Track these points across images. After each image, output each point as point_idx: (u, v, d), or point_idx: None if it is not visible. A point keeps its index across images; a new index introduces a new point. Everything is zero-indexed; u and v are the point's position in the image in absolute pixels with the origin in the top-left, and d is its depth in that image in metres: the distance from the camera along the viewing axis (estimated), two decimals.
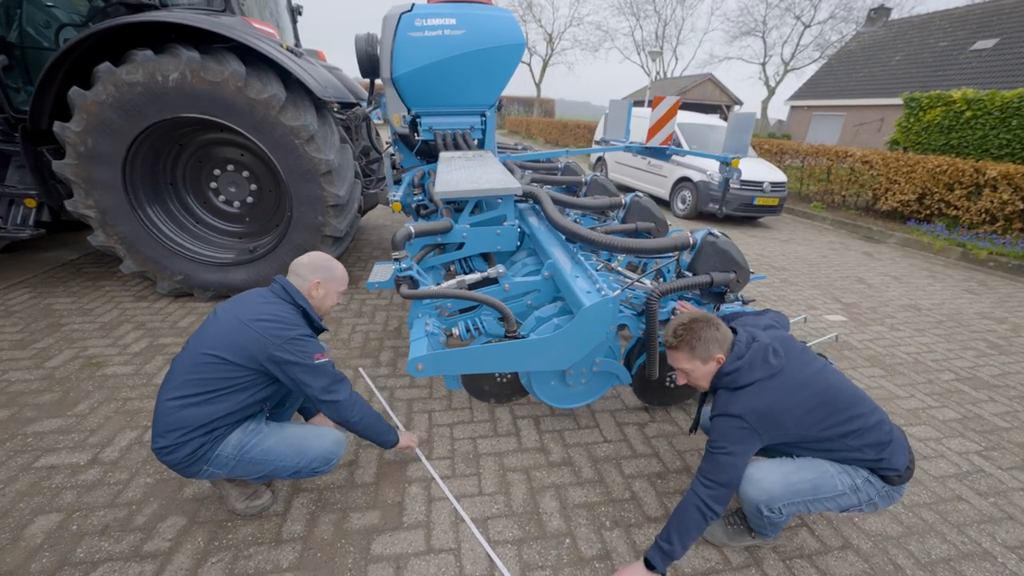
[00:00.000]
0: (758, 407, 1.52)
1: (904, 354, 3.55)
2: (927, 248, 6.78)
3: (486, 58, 3.57)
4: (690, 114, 8.70)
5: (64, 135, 3.00)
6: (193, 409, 1.51)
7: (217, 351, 1.53)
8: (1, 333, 3.00)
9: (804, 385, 1.55)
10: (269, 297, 1.68)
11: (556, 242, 2.55)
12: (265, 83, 3.06)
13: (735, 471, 1.52)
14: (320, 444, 1.73)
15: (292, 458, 1.66)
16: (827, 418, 1.53)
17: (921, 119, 9.23)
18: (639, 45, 37.87)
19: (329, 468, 1.76)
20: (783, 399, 1.53)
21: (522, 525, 1.85)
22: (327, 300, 1.78)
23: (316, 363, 1.61)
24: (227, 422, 1.57)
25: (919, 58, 18.14)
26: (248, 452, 1.59)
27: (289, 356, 1.56)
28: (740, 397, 1.54)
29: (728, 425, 1.53)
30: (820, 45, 30.84)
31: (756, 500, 1.59)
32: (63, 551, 1.62)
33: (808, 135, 21.00)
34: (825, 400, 1.54)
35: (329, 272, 1.78)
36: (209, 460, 1.55)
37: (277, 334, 1.56)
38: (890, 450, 1.55)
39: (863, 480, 1.57)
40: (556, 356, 1.98)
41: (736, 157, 3.66)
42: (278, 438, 1.67)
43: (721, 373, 1.60)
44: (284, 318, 1.62)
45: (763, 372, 1.55)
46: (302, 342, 1.60)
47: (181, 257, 3.48)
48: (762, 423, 1.52)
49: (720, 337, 1.60)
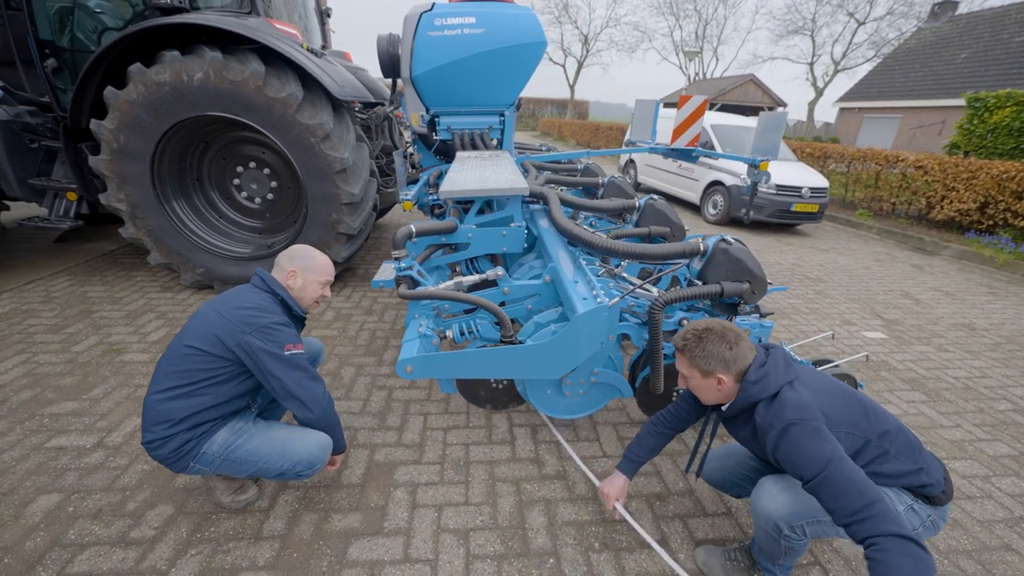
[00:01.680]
0: (805, 404, 1.33)
1: (952, 378, 3.22)
2: (988, 262, 6.18)
3: (505, 57, 3.52)
4: (725, 115, 8.34)
5: (100, 132, 3.18)
6: (175, 402, 1.52)
7: (194, 342, 1.53)
8: (39, 317, 3.20)
9: (825, 387, 1.43)
10: (248, 288, 1.68)
11: (561, 245, 2.46)
12: (284, 82, 3.13)
13: (857, 474, 1.19)
14: (305, 448, 1.68)
15: (276, 460, 1.63)
16: (856, 420, 1.38)
17: (987, 120, 8.46)
18: (678, 46, 36.85)
19: (313, 472, 1.71)
20: (813, 398, 1.37)
21: (505, 540, 1.77)
22: (307, 290, 1.75)
23: (286, 354, 1.56)
24: (211, 416, 1.58)
25: (989, 55, 16.68)
26: (233, 452, 1.59)
27: (258, 342, 1.52)
28: (784, 402, 1.34)
29: (797, 434, 1.26)
30: (875, 43, 28.97)
31: (775, 515, 1.39)
32: (56, 532, 1.67)
33: (859, 138, 19.75)
34: (847, 402, 1.41)
35: (307, 261, 1.75)
36: (195, 457, 1.56)
37: (248, 320, 1.54)
38: (924, 457, 1.39)
39: (906, 508, 1.38)
40: (548, 364, 1.89)
41: (765, 159, 3.44)
42: (264, 439, 1.65)
43: (748, 381, 1.42)
44: (259, 305, 1.60)
45: (789, 375, 1.41)
46: (274, 330, 1.57)
47: (203, 250, 3.61)
48: (817, 411, 1.33)
49: (729, 356, 1.40)
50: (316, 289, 1.77)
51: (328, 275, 1.81)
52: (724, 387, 1.44)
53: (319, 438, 1.73)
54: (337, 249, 3.60)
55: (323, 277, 1.79)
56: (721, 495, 2.05)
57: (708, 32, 36.29)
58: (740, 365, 1.41)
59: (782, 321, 3.96)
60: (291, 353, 1.58)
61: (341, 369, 2.83)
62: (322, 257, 1.80)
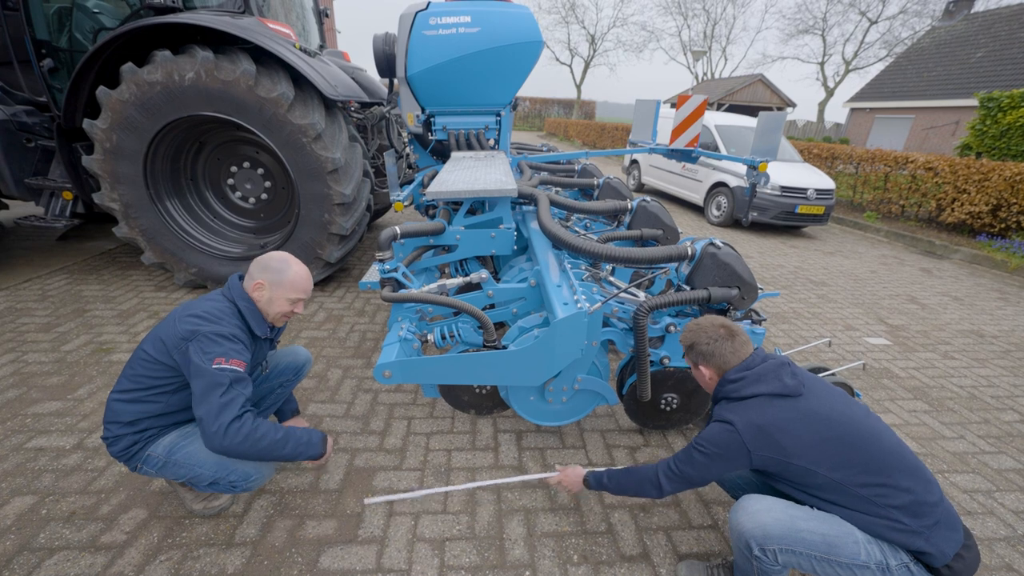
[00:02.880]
0: (756, 420, 1.34)
1: (956, 387, 3.11)
2: (1000, 266, 6.02)
3: (501, 56, 3.48)
4: (730, 115, 8.22)
5: (93, 132, 3.18)
6: (125, 405, 1.50)
7: (148, 347, 1.50)
8: (32, 316, 3.21)
9: (823, 417, 1.33)
10: (214, 294, 1.61)
11: (549, 248, 2.41)
12: (275, 82, 3.11)
13: (705, 472, 1.43)
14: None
15: (211, 467, 1.54)
16: (845, 459, 1.29)
17: (1000, 121, 8.25)
18: (686, 45, 36.52)
19: (250, 486, 1.61)
20: (789, 420, 1.33)
21: (481, 551, 1.73)
22: (273, 305, 1.60)
23: (212, 367, 1.38)
24: (161, 423, 1.54)
25: (1006, 54, 16.31)
26: (175, 454, 1.54)
27: (192, 350, 1.40)
28: (738, 408, 1.39)
29: (717, 429, 1.40)
30: (888, 42, 28.45)
31: (748, 534, 1.33)
32: (27, 535, 1.66)
33: (869, 139, 19.43)
34: (847, 440, 1.30)
35: (277, 275, 1.58)
36: (141, 459, 1.54)
37: (190, 328, 1.43)
38: (933, 525, 1.26)
39: (900, 564, 1.26)
40: (528, 370, 1.84)
41: (764, 160, 3.35)
42: (201, 444, 1.56)
43: (725, 380, 1.46)
44: (210, 314, 1.49)
45: (771, 387, 1.38)
46: (211, 340, 1.42)
47: (196, 250, 3.61)
48: (756, 439, 1.33)
49: (706, 351, 1.48)
50: (283, 305, 1.61)
51: (299, 292, 1.62)
52: (706, 379, 1.53)
53: None
54: (330, 250, 3.58)
55: (292, 294, 1.61)
56: (708, 507, 1.99)
57: (717, 31, 35.92)
58: (721, 360, 1.46)
59: (782, 326, 3.87)
60: (218, 367, 1.39)
61: (328, 371, 2.81)
62: (296, 272, 1.61)
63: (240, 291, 1.60)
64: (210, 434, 1.37)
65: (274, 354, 1.99)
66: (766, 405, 1.36)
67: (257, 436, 1.41)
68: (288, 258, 1.65)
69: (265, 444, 1.43)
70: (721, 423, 1.40)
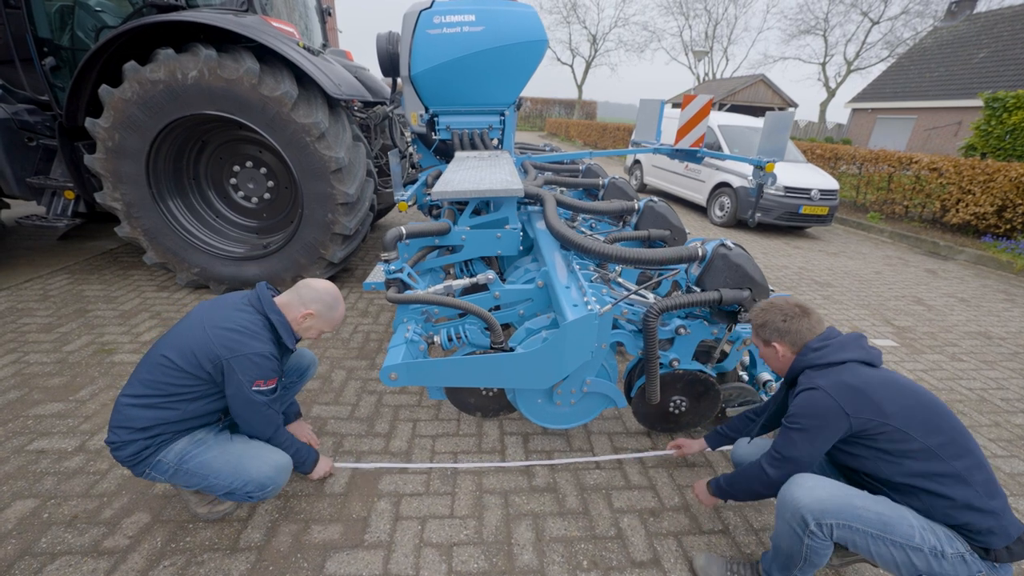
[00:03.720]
0: (849, 381, 1.34)
1: (966, 389, 3.08)
2: (1005, 267, 5.99)
3: (505, 55, 3.45)
4: (733, 116, 8.19)
5: (95, 130, 3.16)
6: (140, 411, 1.47)
7: (170, 354, 1.48)
8: (34, 316, 3.19)
9: (907, 387, 1.36)
10: (241, 304, 1.60)
11: (556, 248, 2.38)
12: (278, 81, 3.09)
13: (807, 449, 1.36)
14: (259, 468, 1.58)
15: (226, 477, 1.54)
16: (935, 427, 1.29)
17: (1005, 121, 8.21)
18: (687, 45, 36.49)
19: (265, 496, 1.61)
20: (881, 385, 1.34)
21: (490, 556, 1.70)
22: (310, 331, 1.70)
23: (252, 390, 1.52)
24: (173, 429, 1.53)
25: (1008, 54, 16.27)
26: (187, 462, 1.52)
27: (235, 368, 1.49)
28: (828, 373, 1.38)
29: (808, 399, 1.36)
30: (889, 43, 28.43)
31: (805, 508, 1.32)
32: (29, 540, 1.63)
33: (871, 140, 19.39)
34: (933, 408, 1.33)
35: (329, 311, 1.68)
36: (151, 464, 1.51)
37: (229, 344, 1.48)
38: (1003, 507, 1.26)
39: (955, 553, 1.25)
40: (537, 373, 1.82)
41: (771, 161, 3.33)
42: (219, 452, 1.57)
43: (808, 349, 1.46)
44: (246, 329, 1.53)
45: (857, 354, 1.40)
46: (253, 362, 1.50)
47: (198, 250, 3.58)
48: (852, 401, 1.31)
49: (783, 327, 1.50)
50: (314, 333, 1.72)
51: (334, 326, 1.76)
52: (779, 354, 1.53)
53: (277, 459, 1.63)
54: (333, 250, 3.56)
55: (329, 327, 1.73)
56: (718, 511, 1.96)
57: (718, 32, 35.93)
58: (797, 337, 1.49)
59: None
60: (258, 390, 1.53)
61: (332, 372, 2.78)
62: (342, 313, 1.75)
63: (271, 304, 1.62)
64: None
65: None
66: (855, 369, 1.37)
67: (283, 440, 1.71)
68: (338, 296, 1.72)
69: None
70: (810, 391, 1.37)
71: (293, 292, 1.67)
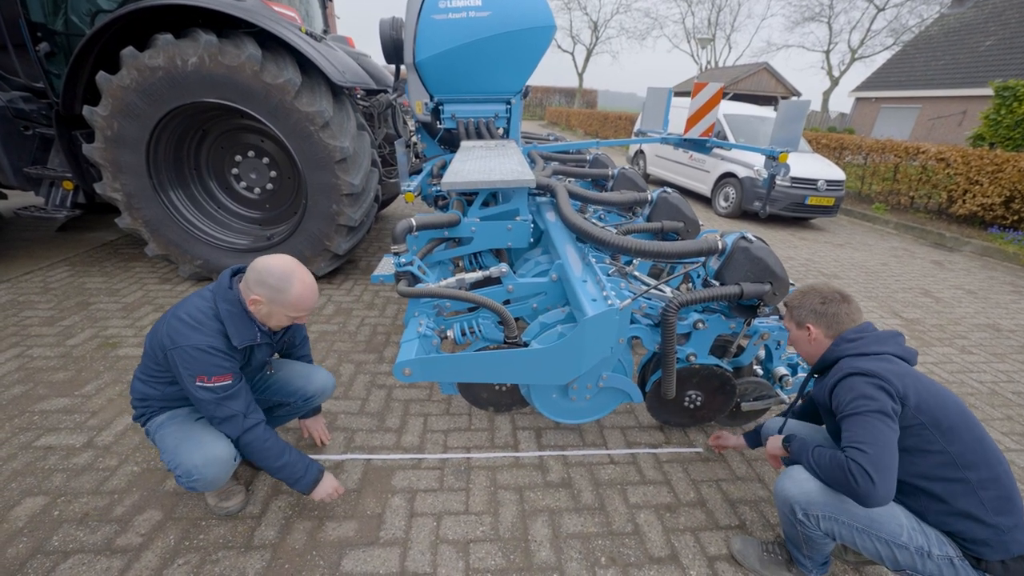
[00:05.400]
0: (892, 369, 1.32)
1: (976, 383, 3.07)
2: (1012, 259, 5.96)
3: (513, 41, 3.36)
4: (738, 104, 8.08)
5: (93, 119, 3.08)
6: (138, 383, 1.59)
7: (147, 337, 1.54)
8: (35, 309, 3.14)
9: (937, 389, 1.35)
10: (206, 293, 1.53)
11: (569, 241, 2.33)
12: (281, 68, 3.00)
13: (888, 431, 1.24)
14: (191, 454, 1.47)
15: (169, 455, 1.50)
16: (960, 433, 1.28)
17: (1015, 110, 8.11)
18: (689, 33, 36.01)
19: (192, 486, 1.48)
20: (916, 380, 1.33)
21: (507, 553, 1.68)
22: (273, 319, 1.52)
23: (196, 384, 1.42)
24: (158, 405, 1.61)
25: (1016, 42, 16.05)
26: (155, 434, 1.58)
27: (176, 360, 1.42)
28: (870, 360, 1.36)
29: (858, 381, 1.32)
30: (895, 30, 28.07)
31: (793, 499, 1.40)
32: (40, 538, 1.61)
33: (875, 129, 19.22)
34: (961, 415, 1.31)
35: (277, 293, 1.45)
36: (146, 429, 1.61)
37: (172, 335, 1.42)
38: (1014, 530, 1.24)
39: (942, 556, 1.27)
40: (555, 369, 1.78)
41: (785, 151, 3.27)
42: (175, 428, 1.55)
43: (843, 339, 1.45)
44: (192, 319, 1.44)
45: (896, 349, 1.39)
46: (189, 357, 1.39)
47: (201, 241, 3.53)
48: (898, 382, 1.29)
49: (820, 309, 1.49)
50: (284, 320, 1.54)
51: (302, 310, 1.51)
52: (813, 338, 1.51)
53: (213, 451, 1.49)
54: (338, 241, 3.50)
55: (294, 312, 1.50)
56: (734, 506, 1.95)
57: (721, 19, 35.44)
58: (835, 323, 1.47)
59: None
60: (201, 385, 1.42)
61: (340, 366, 2.75)
62: (298, 293, 1.47)
63: (225, 291, 1.49)
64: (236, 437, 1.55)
65: (292, 368, 1.91)
66: (895, 362, 1.36)
67: (260, 447, 1.55)
68: (290, 273, 1.47)
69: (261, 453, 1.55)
70: (856, 375, 1.33)
71: (246, 274, 1.49)
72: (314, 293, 1.53)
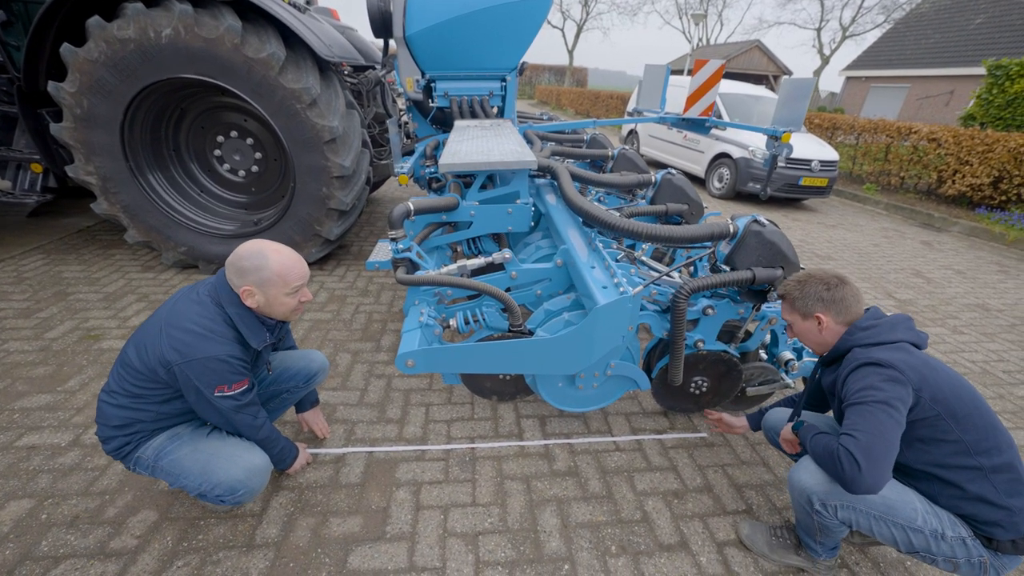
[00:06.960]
0: (908, 360, 1.29)
1: (968, 362, 3.12)
2: (998, 239, 6.05)
3: (508, 14, 3.21)
4: (733, 83, 7.96)
5: (60, 96, 2.86)
6: (114, 409, 1.41)
7: (132, 353, 1.39)
8: (9, 301, 2.98)
9: (952, 374, 1.34)
10: (202, 295, 1.41)
11: (573, 225, 2.26)
12: (263, 41, 2.81)
13: (889, 422, 1.21)
14: (227, 470, 1.44)
15: (196, 478, 1.43)
16: (971, 424, 1.27)
17: (1008, 90, 8.13)
18: (681, 8, 35.29)
19: (239, 501, 1.47)
20: (932, 368, 1.31)
21: (516, 544, 1.66)
22: (275, 306, 1.44)
23: (215, 396, 1.37)
24: (149, 428, 1.46)
25: (1006, 20, 16.04)
26: (161, 459, 1.45)
27: (191, 375, 1.33)
28: (884, 349, 1.33)
29: (870, 371, 1.29)
30: (886, 8, 27.89)
31: (810, 490, 1.39)
32: (28, 543, 1.53)
33: (864, 109, 19.23)
34: (974, 402, 1.30)
35: (257, 273, 1.37)
36: (133, 460, 1.46)
37: (181, 349, 1.32)
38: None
39: (956, 536, 1.29)
40: (563, 359, 1.74)
41: (788, 131, 3.20)
42: (190, 449, 1.46)
43: (856, 328, 1.41)
44: (203, 329, 1.35)
45: (909, 336, 1.36)
46: (207, 369, 1.33)
47: (184, 227, 3.36)
48: (914, 374, 1.27)
49: (827, 296, 1.43)
50: (286, 301, 1.44)
51: (294, 280, 1.42)
52: (824, 328, 1.45)
53: (251, 461, 1.49)
54: (329, 226, 3.37)
55: (288, 285, 1.41)
56: (740, 491, 1.95)
57: None
58: (843, 308, 1.42)
59: None
60: (220, 395, 1.38)
61: (336, 356, 2.67)
62: (276, 260, 1.38)
63: (230, 295, 1.42)
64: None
65: (287, 356, 1.85)
66: (909, 349, 1.34)
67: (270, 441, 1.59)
68: (259, 249, 1.40)
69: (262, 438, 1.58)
70: (869, 366, 1.30)
71: (225, 277, 1.43)
72: (296, 259, 1.45)
